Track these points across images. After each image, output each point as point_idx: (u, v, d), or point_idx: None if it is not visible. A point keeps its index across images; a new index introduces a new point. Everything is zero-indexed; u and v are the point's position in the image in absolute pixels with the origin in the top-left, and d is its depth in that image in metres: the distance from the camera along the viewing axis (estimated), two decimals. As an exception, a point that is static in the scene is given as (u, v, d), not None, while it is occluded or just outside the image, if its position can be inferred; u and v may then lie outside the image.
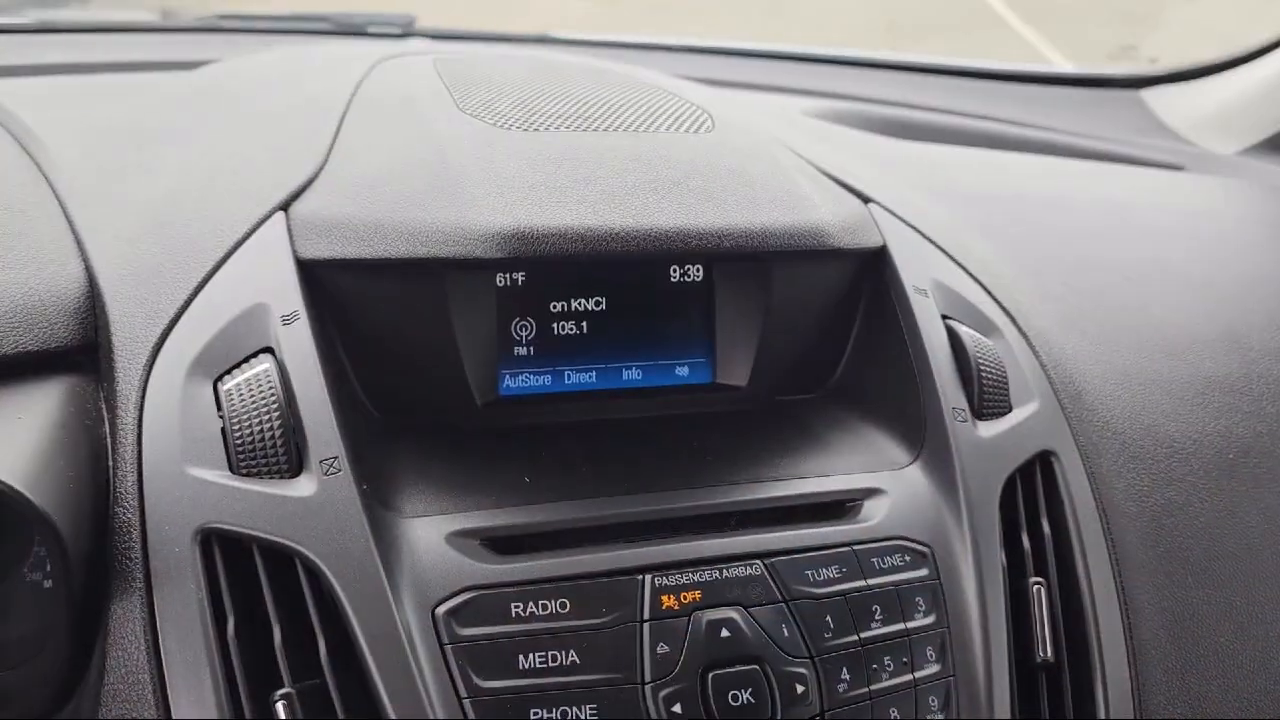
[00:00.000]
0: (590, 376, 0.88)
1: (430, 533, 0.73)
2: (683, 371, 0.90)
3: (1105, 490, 0.91)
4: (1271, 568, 0.94)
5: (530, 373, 0.87)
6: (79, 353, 0.80)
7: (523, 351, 0.87)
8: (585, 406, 0.88)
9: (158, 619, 0.69)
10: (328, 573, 0.70)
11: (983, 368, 0.89)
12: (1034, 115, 1.72)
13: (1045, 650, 0.81)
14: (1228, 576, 0.93)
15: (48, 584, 0.71)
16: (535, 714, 0.68)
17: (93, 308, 0.81)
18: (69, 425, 0.75)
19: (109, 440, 0.76)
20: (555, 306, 0.86)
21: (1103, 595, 0.85)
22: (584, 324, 0.87)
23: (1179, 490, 0.94)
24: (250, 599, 0.70)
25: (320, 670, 0.69)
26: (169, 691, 0.68)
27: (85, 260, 0.84)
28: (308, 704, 0.68)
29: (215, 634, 0.69)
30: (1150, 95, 1.86)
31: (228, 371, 0.77)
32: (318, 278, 0.81)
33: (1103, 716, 0.82)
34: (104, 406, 0.77)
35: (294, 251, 0.81)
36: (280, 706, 0.67)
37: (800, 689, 0.72)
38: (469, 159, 0.85)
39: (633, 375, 0.89)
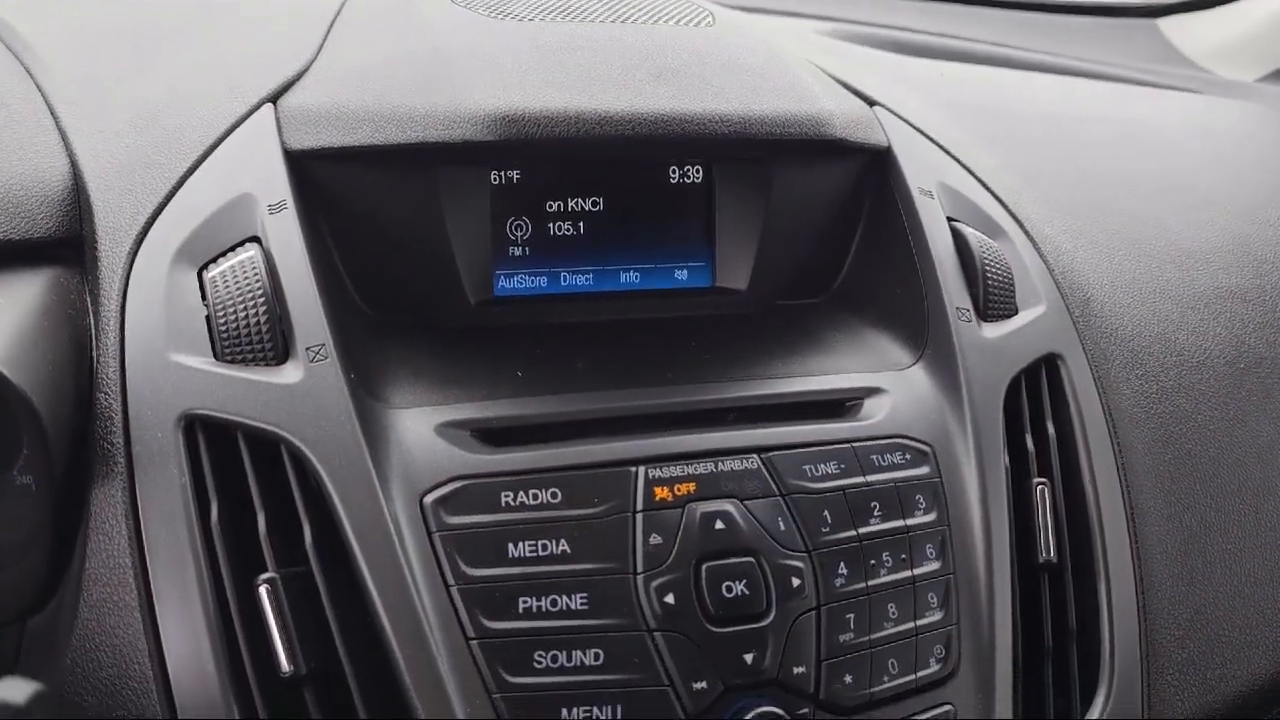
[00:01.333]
0: (587, 279, 0.86)
1: (419, 423, 0.72)
2: (682, 275, 0.88)
3: (1112, 396, 0.89)
4: (1281, 477, 0.93)
5: (525, 273, 0.85)
6: (63, 246, 0.78)
7: (518, 252, 0.85)
8: (582, 308, 0.86)
9: (139, 504, 0.68)
10: (313, 459, 0.68)
11: (988, 268, 0.87)
12: (1049, 44, 1.68)
13: (1048, 551, 0.80)
14: (1237, 484, 0.91)
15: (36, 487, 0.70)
16: (525, 602, 0.67)
17: (76, 200, 0.80)
18: (51, 312, 0.73)
19: (92, 330, 0.74)
20: (551, 206, 0.84)
21: (1107, 498, 0.84)
22: (581, 225, 0.85)
23: (1188, 398, 0.92)
24: (234, 486, 0.69)
25: (305, 558, 0.68)
26: (151, 577, 0.67)
27: (70, 154, 0.82)
28: (292, 590, 0.66)
29: (198, 520, 0.67)
30: (1167, 24, 1.82)
31: (212, 260, 0.75)
32: (307, 170, 0.79)
33: (1105, 618, 0.80)
34: (88, 298, 0.76)
35: (282, 142, 0.79)
36: (264, 591, 0.66)
37: (796, 582, 0.70)
38: (462, 47, 0.83)
39: (631, 278, 0.87)
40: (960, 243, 0.88)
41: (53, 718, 0.56)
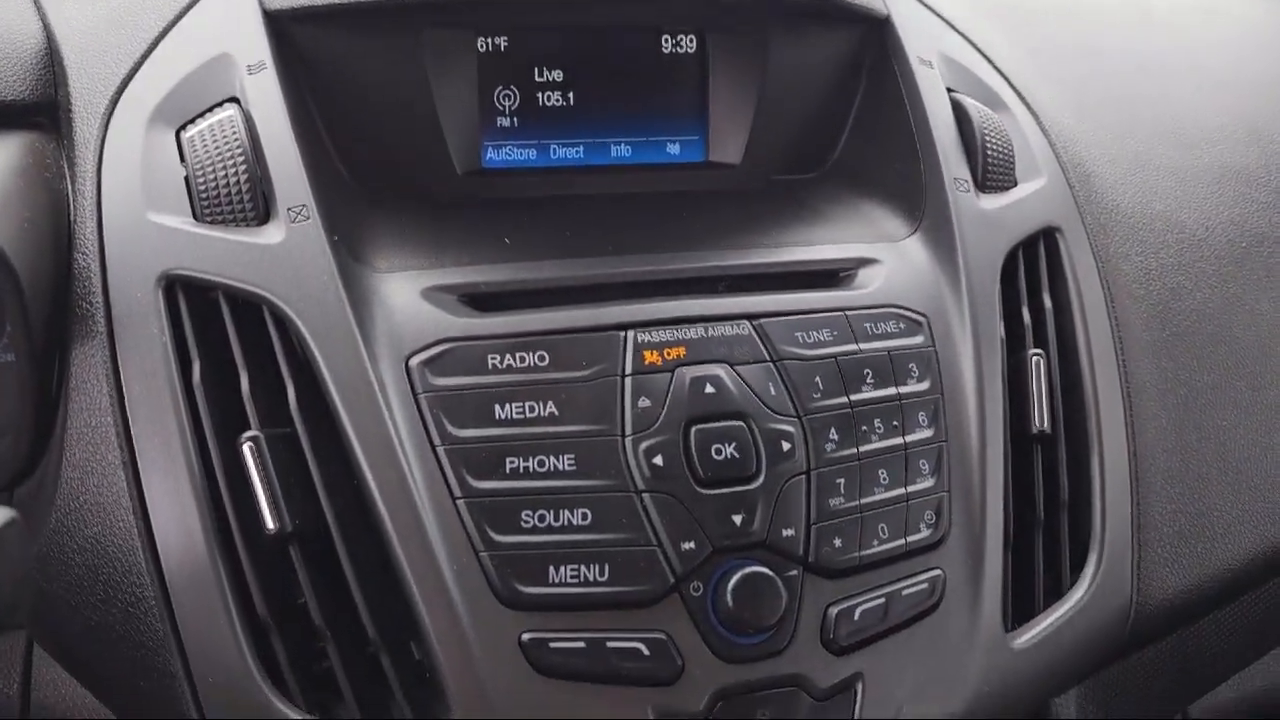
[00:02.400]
0: (577, 152, 0.84)
1: (405, 287, 0.71)
2: (674, 149, 0.86)
3: (1111, 271, 0.87)
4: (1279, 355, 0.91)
5: (514, 145, 0.83)
6: (38, 112, 0.76)
7: (506, 123, 0.83)
8: (571, 182, 0.84)
9: (120, 364, 0.67)
10: (296, 319, 0.67)
11: (988, 139, 0.85)
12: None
13: (1041, 421, 0.79)
14: (1234, 363, 0.90)
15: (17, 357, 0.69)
16: (511, 463, 0.66)
17: (50, 64, 0.77)
18: (27, 174, 0.71)
19: (69, 192, 0.72)
20: (540, 76, 0.82)
21: (1103, 371, 0.83)
22: (571, 96, 0.83)
23: (1188, 276, 0.91)
24: (216, 348, 0.68)
25: (289, 419, 0.67)
26: (133, 436, 0.66)
27: (42, 17, 0.80)
28: (276, 450, 0.66)
29: (180, 379, 0.67)
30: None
31: (190, 121, 0.73)
32: (287, 32, 0.77)
33: (1097, 489, 0.80)
34: (64, 162, 0.74)
35: (260, 1, 0.77)
36: (247, 449, 0.65)
37: (786, 446, 0.70)
38: None
39: (621, 151, 0.85)
40: (959, 113, 0.86)
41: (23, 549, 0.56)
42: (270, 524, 0.65)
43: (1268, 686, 1.09)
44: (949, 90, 0.87)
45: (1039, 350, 0.81)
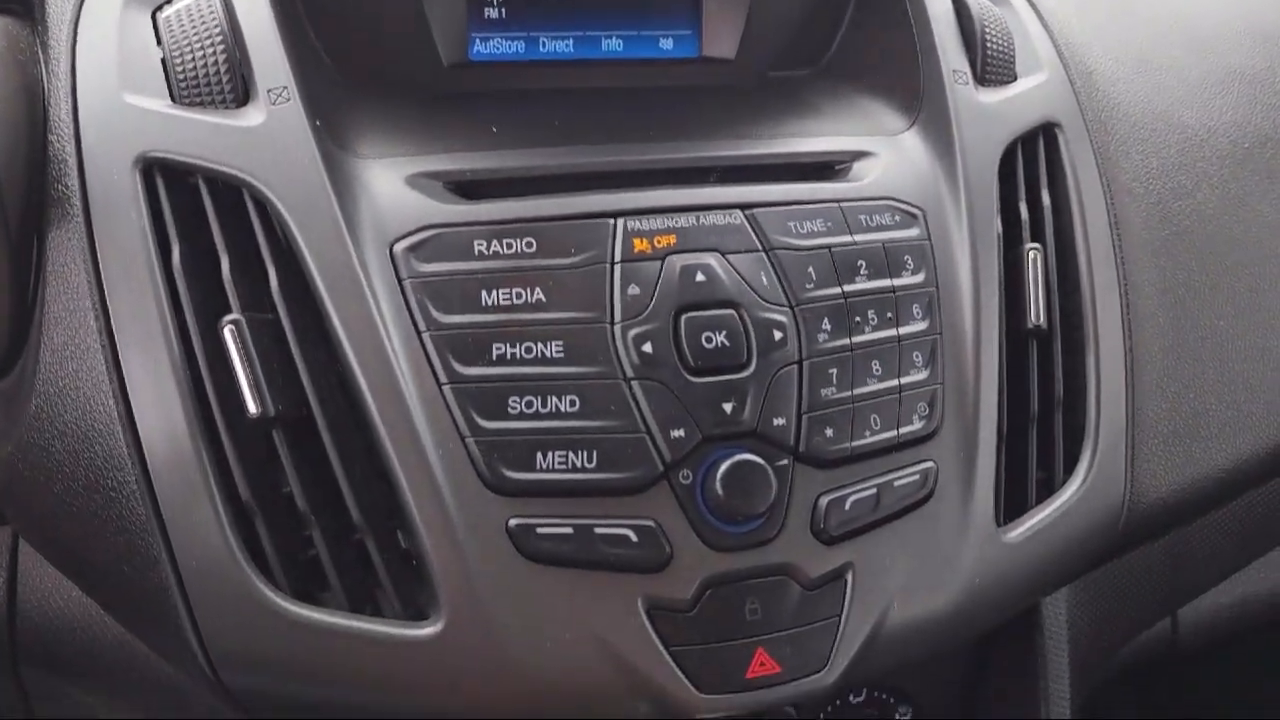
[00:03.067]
0: (567, 45, 0.82)
1: (389, 173, 0.69)
2: (667, 44, 0.84)
3: (1111, 168, 0.86)
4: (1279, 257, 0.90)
5: (502, 37, 0.81)
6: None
7: (494, 14, 0.80)
8: (561, 75, 0.82)
9: (97, 247, 0.66)
10: (277, 203, 0.66)
11: (987, 31, 0.83)
12: None
13: (1037, 316, 0.78)
14: (1233, 263, 0.88)
15: None
16: (498, 349, 0.65)
17: None
18: (0, 58, 0.69)
19: (43, 75, 0.70)
20: None
21: (1101, 268, 0.82)
22: None
23: (1189, 175, 0.89)
24: (196, 233, 0.67)
25: (272, 305, 0.66)
26: (113, 319, 0.65)
27: None
28: (259, 335, 0.65)
29: (159, 262, 0.65)
30: None
31: (167, 1, 0.71)
32: None
33: (1092, 386, 0.79)
34: (38, 47, 0.72)
35: None
36: (228, 332, 0.64)
37: (778, 336, 0.69)
38: None
39: (613, 45, 0.83)
40: (959, 6, 0.84)
41: None
42: (252, 408, 0.64)
43: (1257, 592, 1.09)
44: None
45: (1036, 245, 0.79)
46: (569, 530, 0.65)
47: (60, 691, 0.77)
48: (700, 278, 0.68)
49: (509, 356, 0.65)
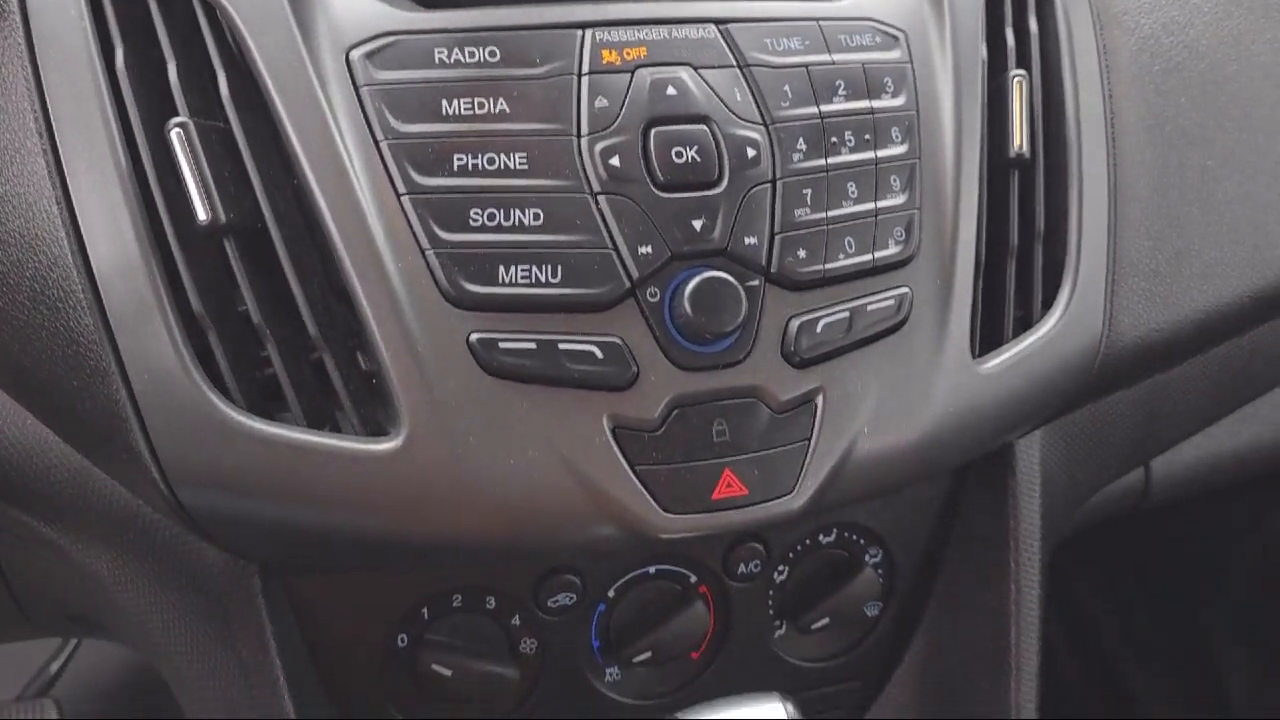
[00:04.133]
0: None
1: None
2: None
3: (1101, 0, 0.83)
4: (1271, 100, 0.87)
5: None
6: None
7: None
8: None
9: (37, 50, 0.62)
10: (226, 5, 0.62)
11: None
12: None
13: (1021, 143, 0.76)
14: (1224, 102, 0.86)
15: None
16: (460, 159, 0.63)
17: None
18: None
19: None
20: None
21: (1088, 99, 0.79)
22: None
23: (1181, 10, 0.86)
24: (142, 36, 0.63)
25: (222, 112, 0.63)
26: (54, 123, 0.62)
27: None
28: (208, 142, 0.62)
29: (103, 65, 0.62)
30: None
31: None
32: None
33: (1074, 218, 0.77)
34: None
35: None
36: (175, 136, 0.61)
37: (751, 153, 0.66)
38: None
39: None
40: None
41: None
42: (201, 214, 0.61)
43: (1230, 448, 1.09)
44: None
45: (1021, 71, 0.77)
46: (532, 345, 0.63)
47: (18, 523, 0.76)
48: (671, 91, 0.66)
49: (470, 168, 0.63)
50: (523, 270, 0.63)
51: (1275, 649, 1.89)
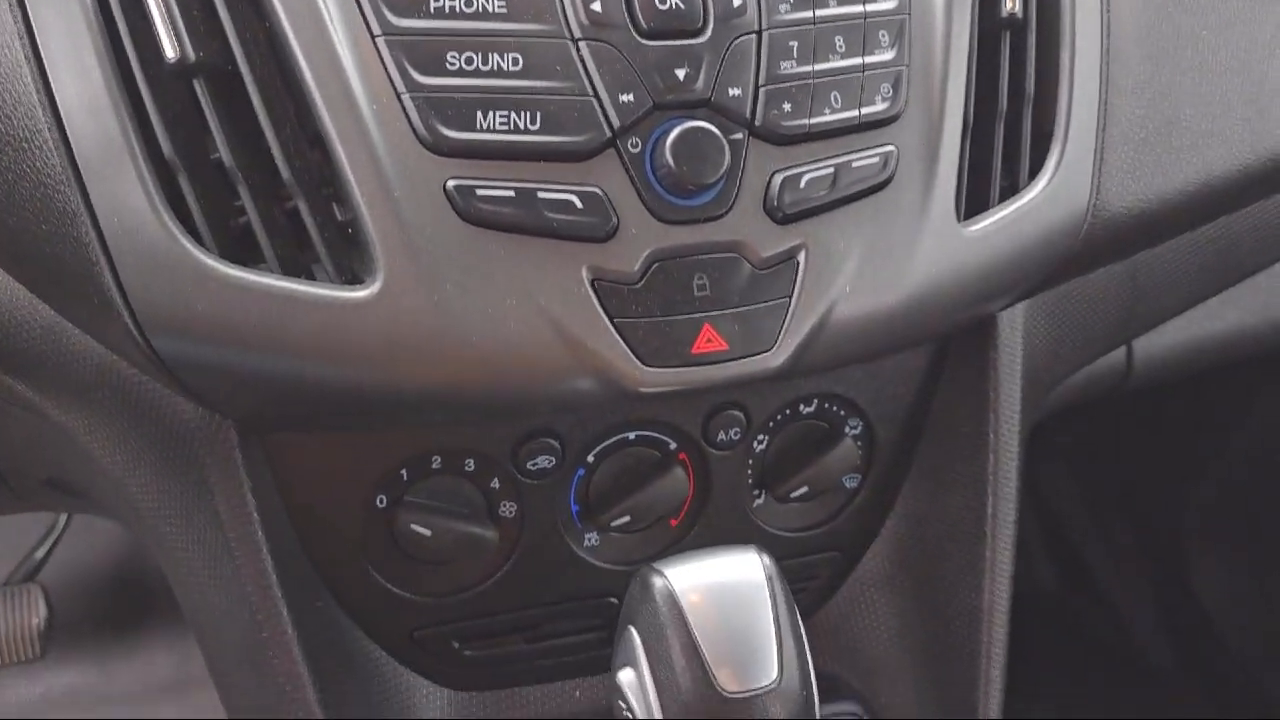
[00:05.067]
0: None
1: None
2: None
3: None
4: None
5: None
6: None
7: None
8: None
9: None
10: None
11: None
12: None
13: (1013, 3, 0.74)
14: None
15: None
16: (436, 2, 0.61)
17: None
18: None
19: None
20: None
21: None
22: None
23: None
24: None
25: None
26: (47, 66, 0.60)
27: None
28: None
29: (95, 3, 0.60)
30: None
31: None
32: None
33: (1065, 82, 0.76)
34: None
35: None
36: None
37: (737, 2, 0.64)
38: None
39: None
40: None
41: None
42: (169, 52, 0.60)
43: (1211, 331, 1.09)
44: None
45: None
46: (511, 193, 0.62)
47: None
48: None
49: (447, 10, 0.61)
50: (501, 116, 0.61)
51: (1242, 547, 1.93)
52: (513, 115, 0.62)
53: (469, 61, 0.61)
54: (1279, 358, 1.21)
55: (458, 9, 0.61)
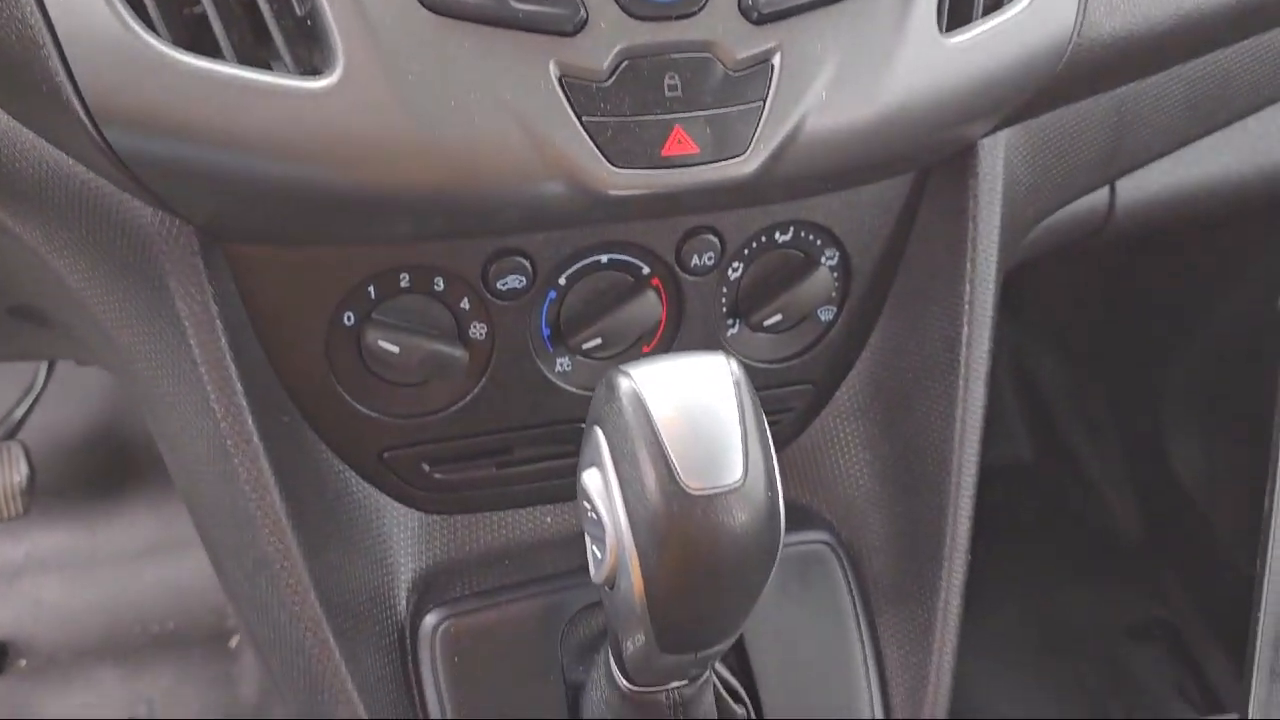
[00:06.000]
0: None
1: None
2: None
3: None
4: None
5: None
6: None
7: None
8: None
9: None
10: None
11: None
12: None
13: None
14: None
15: None
16: None
17: None
18: None
19: None
20: None
21: None
22: None
23: None
24: None
25: None
26: None
27: None
28: None
29: None
30: None
31: None
32: None
33: None
34: None
35: None
36: None
37: None
38: None
39: None
40: None
41: None
42: None
43: (1195, 176, 1.08)
44: None
45: None
46: None
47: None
48: None
49: None
50: None
51: (1217, 423, 1.94)
52: None
53: None
54: (1267, 213, 1.20)
55: None
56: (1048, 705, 1.94)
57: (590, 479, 0.63)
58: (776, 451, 0.63)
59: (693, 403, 0.61)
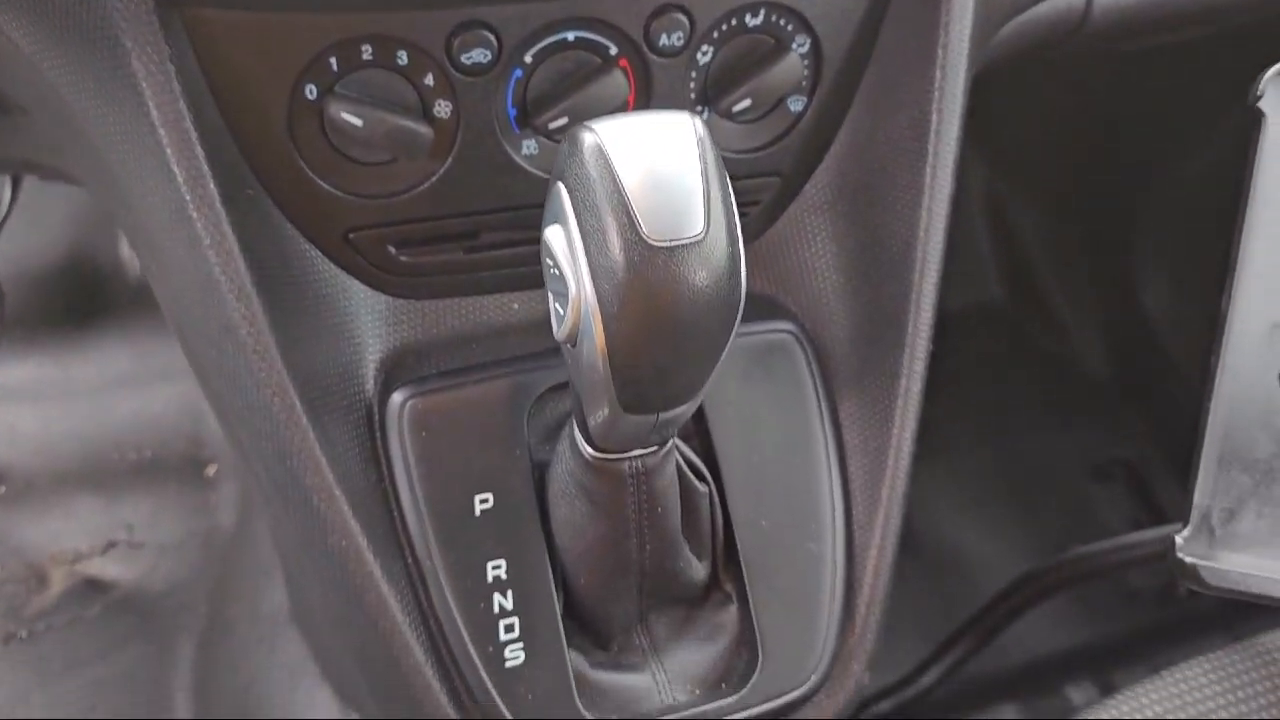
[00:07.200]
0: None
1: None
2: None
3: None
4: None
5: None
6: None
7: None
8: None
9: None
10: None
11: None
12: None
13: None
14: None
15: None
16: None
17: None
18: None
19: None
20: None
21: None
22: None
23: None
24: None
25: None
26: None
27: None
28: None
29: None
30: None
31: None
32: None
33: None
34: None
35: None
36: None
37: None
38: None
39: None
40: None
41: None
42: None
43: None
44: None
45: None
46: None
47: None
48: None
49: None
50: None
51: (1186, 265, 1.96)
52: None
53: None
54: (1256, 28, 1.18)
55: None
56: (1013, 541, 2.01)
57: (553, 235, 0.63)
58: (745, 246, 0.63)
59: (656, 157, 0.61)
